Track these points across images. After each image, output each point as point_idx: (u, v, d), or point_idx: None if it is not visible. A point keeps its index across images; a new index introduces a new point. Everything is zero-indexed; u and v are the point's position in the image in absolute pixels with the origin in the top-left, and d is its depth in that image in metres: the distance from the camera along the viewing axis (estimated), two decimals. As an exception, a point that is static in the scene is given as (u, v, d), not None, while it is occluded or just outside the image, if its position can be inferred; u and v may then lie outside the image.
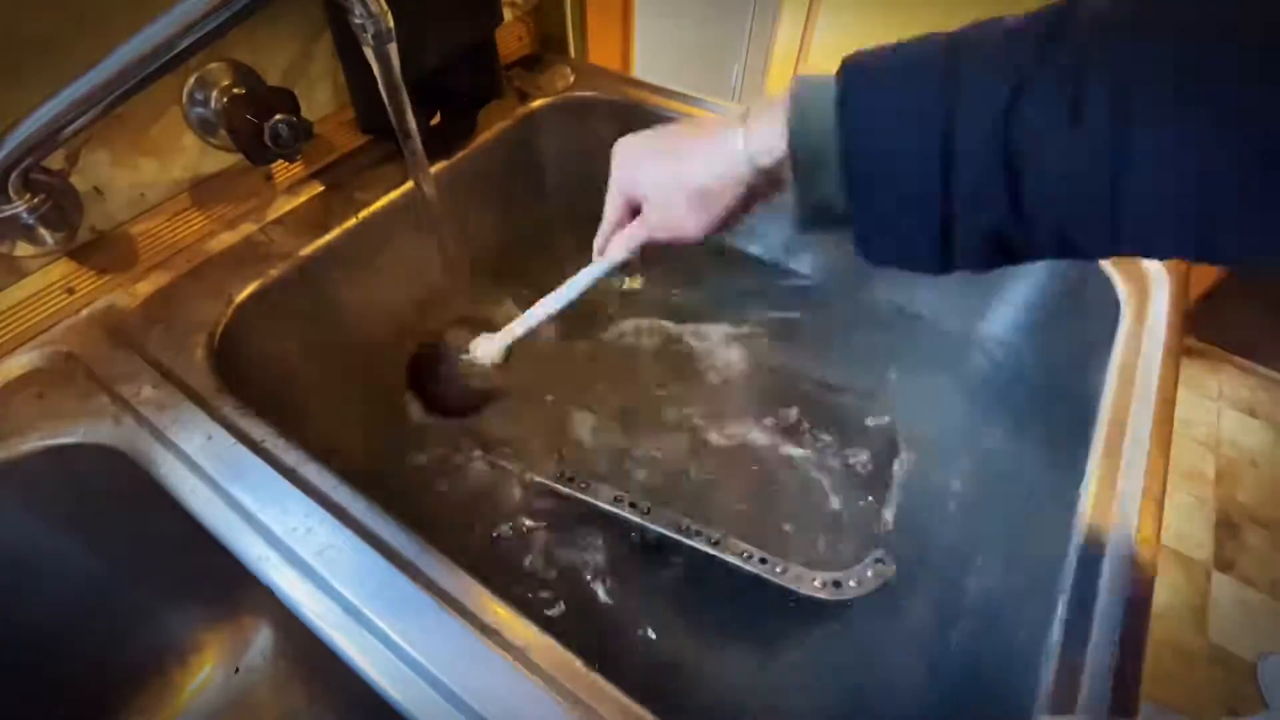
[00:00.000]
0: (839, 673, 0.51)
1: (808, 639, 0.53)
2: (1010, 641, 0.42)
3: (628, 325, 0.73)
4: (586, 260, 0.40)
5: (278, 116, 0.50)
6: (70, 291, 0.48)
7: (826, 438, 0.64)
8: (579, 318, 0.71)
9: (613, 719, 0.30)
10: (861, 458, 0.62)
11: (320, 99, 0.62)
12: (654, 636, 0.52)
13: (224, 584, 0.53)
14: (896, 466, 0.62)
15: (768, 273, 0.75)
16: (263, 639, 0.57)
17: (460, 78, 0.64)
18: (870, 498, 0.60)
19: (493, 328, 0.45)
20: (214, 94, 0.51)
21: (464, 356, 0.46)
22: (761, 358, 0.70)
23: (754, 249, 0.76)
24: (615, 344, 0.71)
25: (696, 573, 0.55)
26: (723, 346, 0.71)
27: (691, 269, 0.77)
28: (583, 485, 0.58)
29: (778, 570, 0.53)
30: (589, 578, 0.55)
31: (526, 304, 0.43)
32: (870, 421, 0.65)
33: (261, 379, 0.53)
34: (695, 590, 0.55)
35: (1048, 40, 0.21)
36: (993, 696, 0.41)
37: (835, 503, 0.60)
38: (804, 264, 0.74)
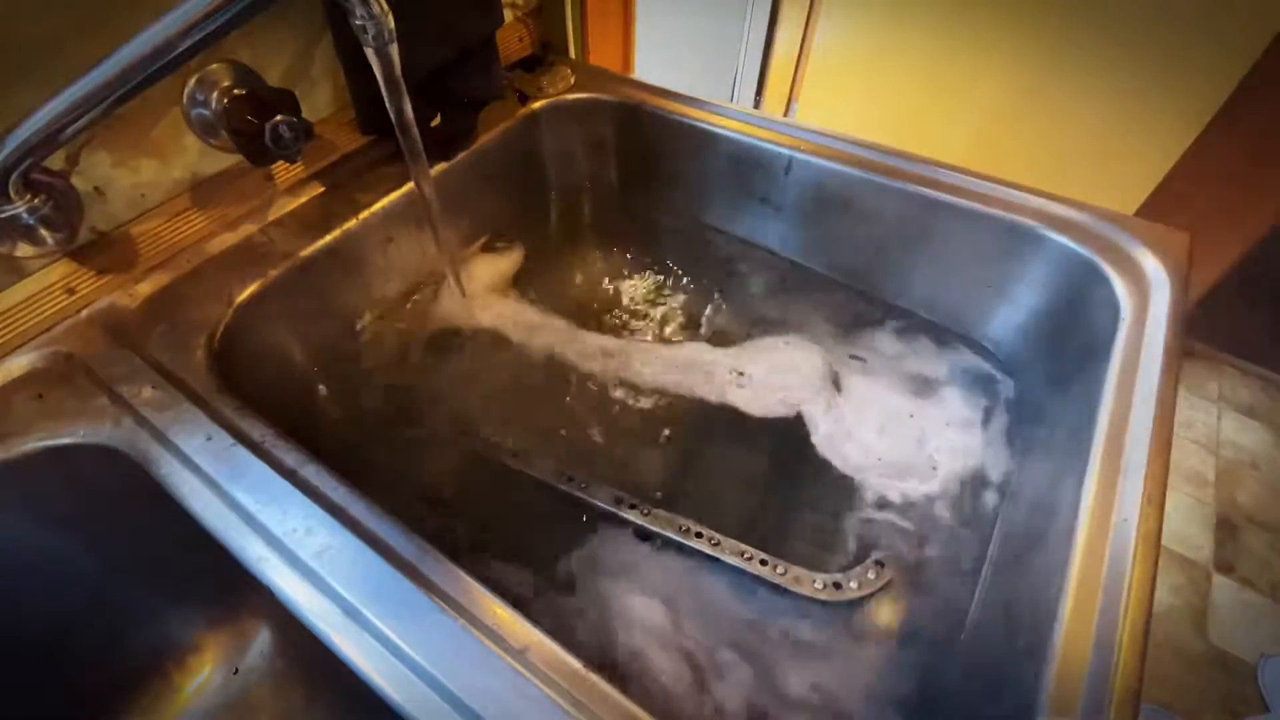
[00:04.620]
0: (838, 674, 0.51)
1: (807, 641, 0.52)
2: (1010, 643, 0.42)
3: (629, 322, 0.73)
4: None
5: (278, 117, 0.50)
6: (70, 292, 0.48)
7: (825, 439, 0.64)
8: (583, 316, 0.71)
9: (612, 720, 0.30)
10: (861, 459, 0.62)
11: (321, 100, 0.62)
12: (653, 637, 0.52)
13: (223, 585, 0.53)
14: (896, 468, 0.62)
15: (772, 265, 0.76)
16: (262, 640, 0.57)
17: (461, 79, 0.64)
18: (870, 499, 0.60)
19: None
20: (214, 95, 0.51)
21: None
22: (763, 355, 0.70)
23: (761, 240, 0.77)
24: (611, 344, 0.71)
25: (696, 573, 0.55)
26: (721, 343, 0.71)
27: (691, 262, 0.77)
28: (583, 485, 0.58)
29: (778, 571, 0.53)
30: (588, 579, 0.55)
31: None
32: (870, 422, 0.65)
33: (262, 380, 0.53)
34: (694, 591, 0.55)
35: None
36: (993, 697, 0.41)
37: (835, 504, 0.60)
38: (810, 256, 0.74)
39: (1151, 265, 0.53)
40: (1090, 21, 1.27)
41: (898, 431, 0.64)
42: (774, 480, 0.62)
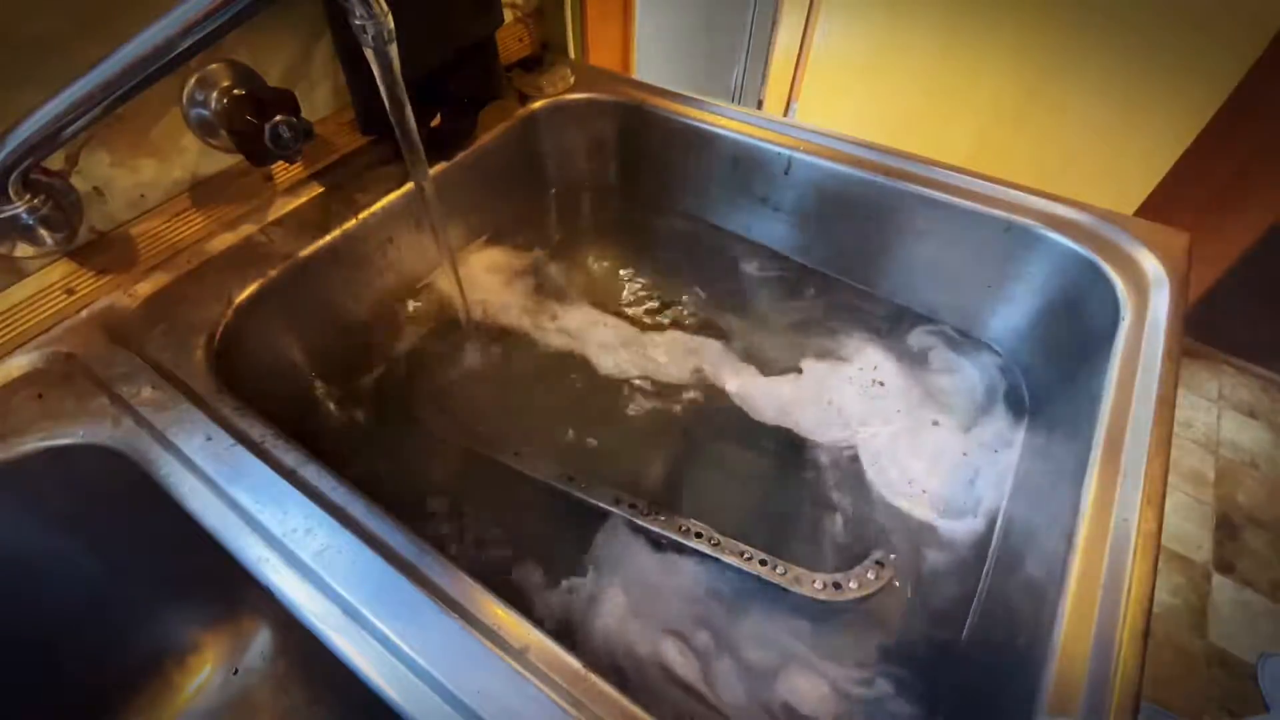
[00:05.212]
0: (838, 674, 0.51)
1: (807, 640, 0.52)
2: (1010, 643, 0.42)
3: (628, 321, 0.73)
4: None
5: (278, 117, 0.50)
6: (70, 292, 0.48)
7: (826, 438, 0.64)
8: (582, 316, 0.71)
9: (612, 720, 0.30)
10: (861, 458, 0.62)
11: (320, 100, 0.62)
12: (651, 637, 0.52)
13: (223, 585, 0.53)
14: (897, 468, 0.62)
15: (772, 264, 0.76)
16: (262, 640, 0.57)
17: (461, 79, 0.64)
18: (870, 498, 0.60)
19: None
20: (214, 95, 0.51)
21: None
22: (764, 353, 0.70)
23: (761, 239, 0.77)
24: (610, 343, 0.71)
25: (695, 573, 0.55)
26: (720, 342, 0.71)
27: (691, 262, 0.77)
28: (583, 486, 0.58)
29: (778, 571, 0.53)
30: (587, 578, 0.55)
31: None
32: (870, 422, 0.65)
33: (262, 380, 0.53)
34: (694, 591, 0.55)
35: None
36: (993, 697, 0.41)
37: (835, 503, 0.60)
38: (811, 256, 0.74)
39: (1151, 265, 0.53)
40: (1091, 22, 1.27)
41: (899, 429, 0.64)
42: (774, 479, 0.62)
